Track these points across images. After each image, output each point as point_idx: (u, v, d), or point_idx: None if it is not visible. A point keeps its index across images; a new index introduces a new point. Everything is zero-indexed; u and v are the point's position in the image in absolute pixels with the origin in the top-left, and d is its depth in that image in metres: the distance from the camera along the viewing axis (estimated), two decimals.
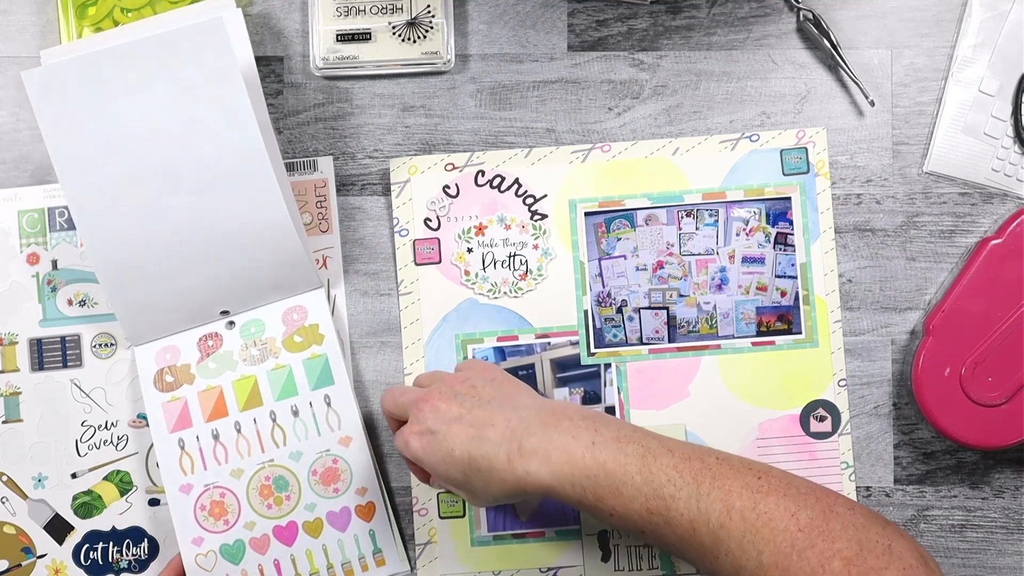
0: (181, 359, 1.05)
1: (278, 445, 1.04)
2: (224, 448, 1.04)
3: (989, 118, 1.06)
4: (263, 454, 1.04)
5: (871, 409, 1.06)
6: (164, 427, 1.04)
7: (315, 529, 1.04)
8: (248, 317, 1.05)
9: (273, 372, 1.05)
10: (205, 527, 1.03)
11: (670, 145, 1.06)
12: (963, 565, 1.06)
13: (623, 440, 0.86)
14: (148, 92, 0.97)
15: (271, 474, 1.04)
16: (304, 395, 1.04)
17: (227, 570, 1.03)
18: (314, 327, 1.05)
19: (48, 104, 0.97)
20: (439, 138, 1.07)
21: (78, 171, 0.98)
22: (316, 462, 1.04)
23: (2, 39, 1.07)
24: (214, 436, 1.04)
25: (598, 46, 1.07)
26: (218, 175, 0.99)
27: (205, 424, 1.04)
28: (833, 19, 1.06)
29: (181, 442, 1.04)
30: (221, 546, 1.03)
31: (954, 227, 1.06)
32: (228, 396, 1.04)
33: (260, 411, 1.04)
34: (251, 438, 1.04)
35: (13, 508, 1.05)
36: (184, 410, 1.04)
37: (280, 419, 1.04)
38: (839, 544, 0.80)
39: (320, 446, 1.04)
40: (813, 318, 1.05)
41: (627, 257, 1.06)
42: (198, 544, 1.03)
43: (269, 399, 1.04)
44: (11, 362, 1.06)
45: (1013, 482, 1.06)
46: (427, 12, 1.06)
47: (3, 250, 1.06)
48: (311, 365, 1.05)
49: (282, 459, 1.04)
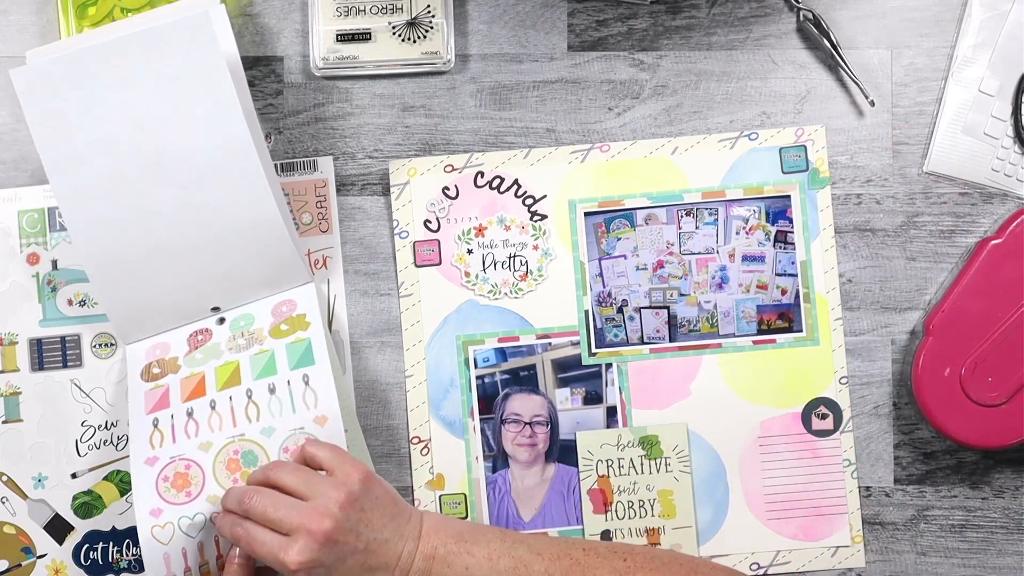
0: (170, 353, 1.04)
1: (251, 420, 1.00)
2: (196, 423, 1.00)
3: (989, 118, 1.06)
4: (235, 428, 1.00)
5: (871, 409, 1.06)
6: (142, 410, 1.01)
7: None
8: (238, 313, 1.05)
9: (256, 356, 1.02)
10: (166, 498, 0.97)
11: (669, 144, 1.06)
12: (963, 565, 1.06)
13: (495, 556, 0.92)
14: (135, 88, 0.97)
15: (240, 448, 0.99)
16: (283, 374, 1.01)
17: (184, 543, 0.97)
18: (301, 316, 1.04)
19: (36, 102, 0.97)
20: (439, 138, 1.07)
21: (67, 168, 0.98)
22: (288, 439, 0.99)
23: (2, 39, 1.07)
24: (188, 413, 1.00)
25: (598, 46, 1.07)
26: (206, 170, 0.99)
27: (182, 404, 1.01)
28: (833, 19, 1.06)
29: (155, 421, 1.00)
30: (180, 519, 0.97)
31: (954, 227, 1.06)
32: (209, 379, 1.02)
33: (237, 389, 1.01)
34: (224, 414, 1.00)
35: (13, 508, 1.05)
36: (164, 394, 1.02)
37: (256, 396, 1.01)
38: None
39: (294, 423, 0.99)
40: (814, 316, 1.05)
41: (627, 257, 1.06)
42: (156, 515, 0.97)
43: (248, 379, 1.01)
44: (11, 362, 1.06)
45: (1013, 482, 1.06)
46: (427, 12, 1.06)
47: (3, 250, 1.06)
48: (293, 348, 1.02)
49: (253, 434, 0.99)
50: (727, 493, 1.06)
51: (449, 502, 1.06)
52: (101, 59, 0.97)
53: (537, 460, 1.06)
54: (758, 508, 1.05)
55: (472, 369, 1.06)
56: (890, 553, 1.06)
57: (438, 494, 1.06)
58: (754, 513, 1.05)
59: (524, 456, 1.06)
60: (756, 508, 1.05)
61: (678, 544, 1.05)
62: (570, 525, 1.06)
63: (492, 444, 1.06)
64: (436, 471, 1.06)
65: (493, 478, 1.06)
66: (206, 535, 0.97)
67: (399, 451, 1.07)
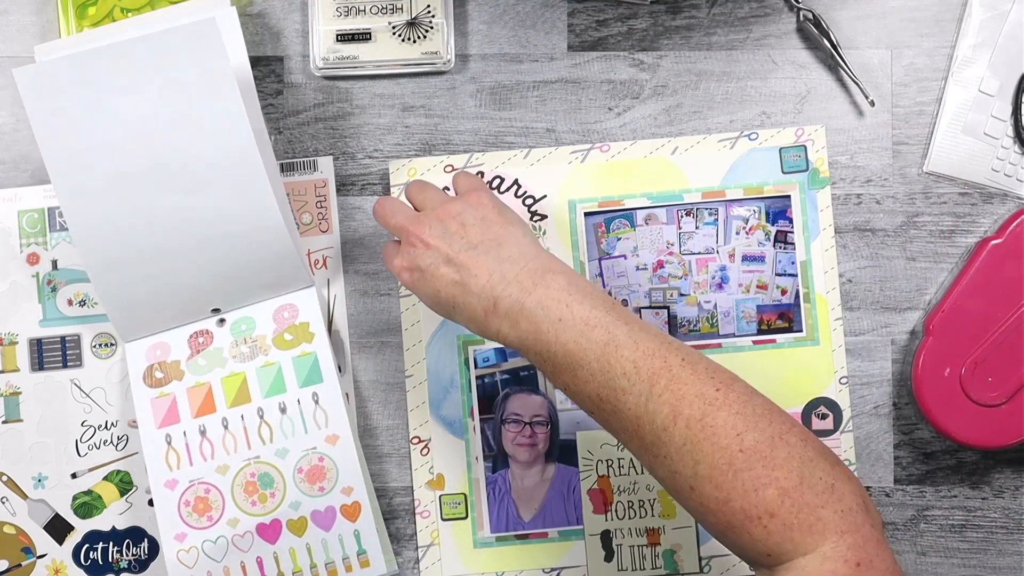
0: (171, 355, 1.04)
1: (265, 442, 1.03)
2: (211, 444, 1.03)
3: (989, 118, 1.06)
4: (249, 451, 1.03)
5: (871, 409, 1.06)
6: (152, 423, 1.03)
7: (299, 528, 1.03)
8: (239, 315, 1.05)
9: (262, 369, 1.04)
10: (189, 523, 1.02)
11: (669, 144, 1.06)
12: (963, 565, 1.06)
13: (590, 324, 0.85)
14: (141, 91, 0.97)
15: (256, 471, 1.03)
16: (292, 392, 1.04)
17: (209, 567, 1.02)
18: (304, 325, 1.05)
19: (40, 101, 0.97)
20: (439, 138, 1.07)
21: (69, 169, 0.98)
22: (302, 460, 1.03)
23: (2, 39, 1.07)
24: (201, 432, 1.03)
25: (598, 46, 1.07)
26: (210, 174, 0.99)
27: (193, 420, 1.03)
28: (833, 19, 1.06)
29: (168, 438, 1.03)
30: (203, 543, 1.02)
31: (954, 227, 1.06)
32: (217, 392, 1.04)
33: (248, 408, 1.04)
34: (238, 434, 1.03)
35: (13, 508, 1.05)
36: (172, 406, 1.04)
37: (267, 416, 1.04)
38: (778, 473, 0.79)
39: (306, 444, 1.03)
40: (814, 316, 1.05)
41: (627, 257, 1.06)
42: (181, 540, 1.02)
43: (257, 396, 1.04)
44: (11, 362, 1.06)
45: (1013, 482, 1.06)
46: (427, 12, 1.06)
47: (3, 250, 1.06)
48: (300, 363, 1.04)
49: (268, 456, 1.03)
50: None
51: (449, 502, 1.06)
52: (106, 60, 0.97)
53: (537, 460, 1.06)
54: None
55: (472, 369, 1.06)
56: None
57: (438, 494, 1.06)
58: None
59: (524, 456, 1.06)
60: None
61: (679, 544, 1.05)
62: (570, 525, 1.06)
63: (492, 444, 1.06)
64: (436, 471, 1.06)
65: (493, 478, 1.06)
66: (230, 559, 1.02)
67: (399, 451, 1.07)
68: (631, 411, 0.83)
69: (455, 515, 1.06)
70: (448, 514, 1.06)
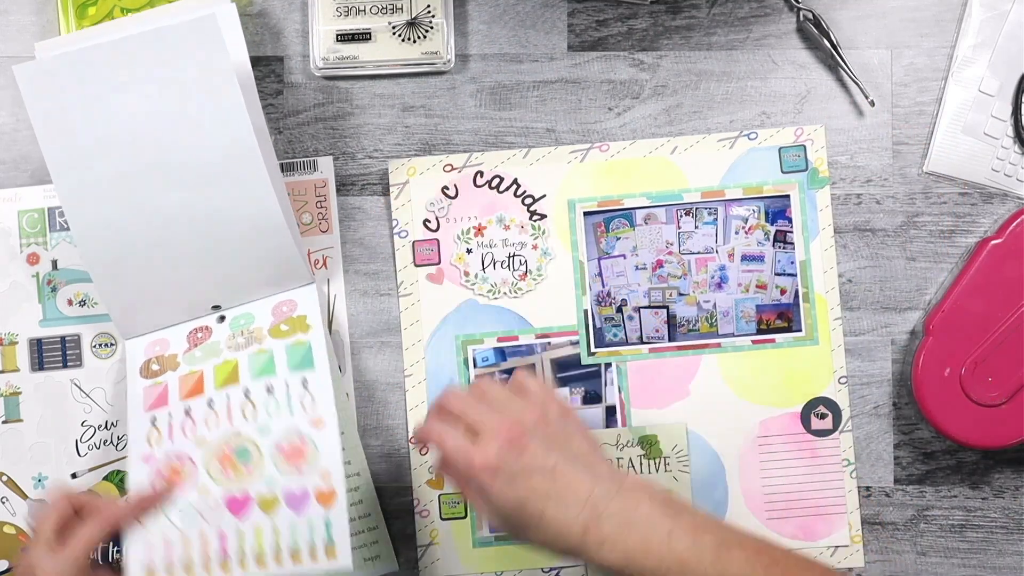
0: (169, 350, 1.04)
1: (247, 419, 1.00)
2: (193, 421, 1.00)
3: (989, 118, 1.06)
4: (231, 426, 1.00)
5: (871, 409, 1.06)
6: (140, 406, 1.01)
7: (269, 505, 0.98)
8: (239, 311, 1.05)
9: (255, 355, 1.02)
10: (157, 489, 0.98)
11: (668, 144, 1.06)
12: (963, 565, 1.06)
13: (699, 530, 0.84)
14: (141, 88, 0.97)
15: (235, 444, 0.99)
16: (282, 375, 1.01)
17: (170, 534, 0.97)
18: (302, 317, 1.04)
19: (40, 98, 0.97)
20: (439, 138, 1.07)
21: (70, 166, 0.98)
22: (283, 438, 0.99)
23: (2, 39, 1.08)
24: (186, 412, 1.01)
25: (598, 46, 1.07)
26: (210, 171, 0.99)
27: (180, 402, 1.01)
28: (833, 19, 1.06)
29: (153, 419, 1.01)
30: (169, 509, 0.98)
31: (954, 227, 1.06)
32: (207, 376, 1.02)
33: (235, 388, 1.01)
34: (221, 412, 1.00)
35: (13, 508, 1.05)
36: (163, 392, 1.02)
37: (253, 395, 1.00)
38: None
39: (290, 424, 0.99)
40: (813, 315, 1.05)
41: (626, 256, 1.06)
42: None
43: (247, 378, 1.01)
44: (11, 362, 1.06)
45: (1013, 482, 1.06)
46: (427, 12, 1.06)
47: (3, 250, 1.06)
48: (293, 350, 1.02)
49: (249, 432, 0.99)
50: (726, 493, 1.06)
51: (449, 502, 1.06)
52: (106, 57, 0.97)
53: None
54: (757, 508, 1.05)
55: (471, 369, 1.06)
56: (890, 553, 1.06)
57: (438, 494, 1.06)
58: (753, 513, 1.05)
59: None
60: (755, 508, 1.05)
61: None
62: None
63: None
64: (435, 471, 1.06)
65: None
66: (191, 528, 0.97)
67: (399, 451, 1.07)
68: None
69: (454, 514, 1.06)
70: (447, 513, 1.06)
